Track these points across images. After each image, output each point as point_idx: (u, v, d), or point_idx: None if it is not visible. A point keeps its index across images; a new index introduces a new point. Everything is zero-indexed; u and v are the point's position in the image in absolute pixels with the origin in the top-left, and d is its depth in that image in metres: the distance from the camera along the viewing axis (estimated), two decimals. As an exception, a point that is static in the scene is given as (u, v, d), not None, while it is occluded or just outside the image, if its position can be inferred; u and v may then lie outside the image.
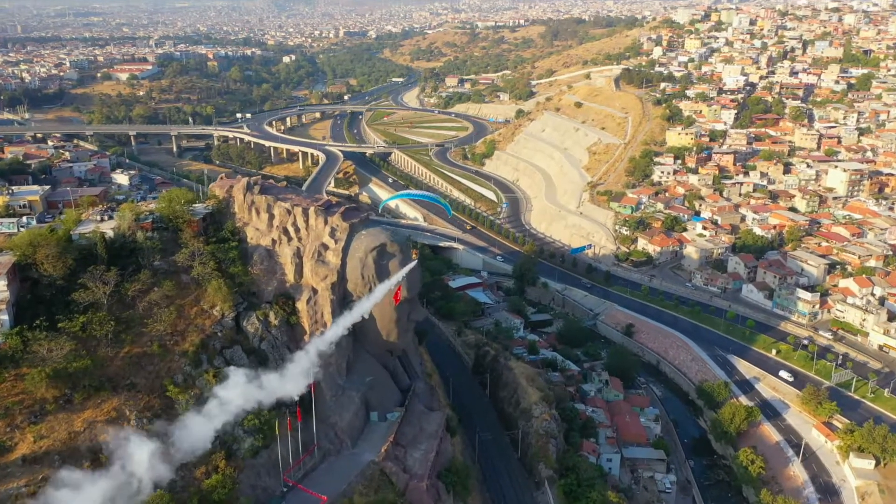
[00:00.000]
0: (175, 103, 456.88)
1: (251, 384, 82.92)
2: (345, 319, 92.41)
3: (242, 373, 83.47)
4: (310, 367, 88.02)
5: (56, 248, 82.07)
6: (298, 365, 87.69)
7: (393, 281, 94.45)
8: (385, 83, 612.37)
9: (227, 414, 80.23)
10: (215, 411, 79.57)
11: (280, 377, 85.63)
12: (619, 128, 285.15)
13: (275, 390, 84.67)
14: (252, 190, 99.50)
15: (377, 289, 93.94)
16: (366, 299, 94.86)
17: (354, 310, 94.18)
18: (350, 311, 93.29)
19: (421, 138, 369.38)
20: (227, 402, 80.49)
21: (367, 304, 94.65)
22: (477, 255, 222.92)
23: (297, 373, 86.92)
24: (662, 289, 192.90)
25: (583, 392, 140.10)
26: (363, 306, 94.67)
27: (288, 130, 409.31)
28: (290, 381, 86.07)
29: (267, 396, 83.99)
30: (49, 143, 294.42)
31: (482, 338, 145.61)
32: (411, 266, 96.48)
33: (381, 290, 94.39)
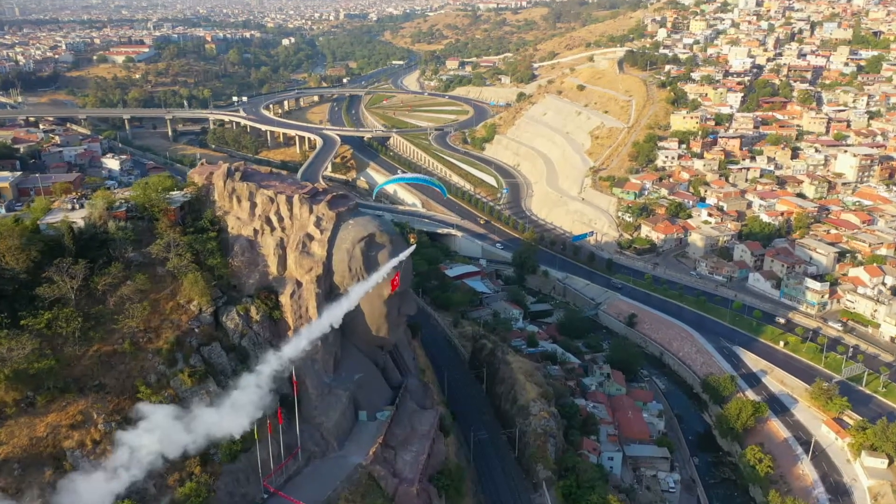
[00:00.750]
0: (171, 87, 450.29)
1: (175, 424, 71.22)
2: (320, 322, 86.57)
3: (165, 411, 71.89)
4: (262, 395, 77.92)
5: (18, 239, 76.56)
6: (246, 393, 77.00)
7: (385, 269, 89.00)
8: (385, 66, 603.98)
9: (139, 468, 67.97)
10: (122, 465, 67.25)
11: (218, 411, 75.03)
12: (622, 111, 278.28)
13: (209, 430, 73.56)
14: (233, 176, 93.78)
15: (368, 279, 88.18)
16: (359, 286, 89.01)
17: (341, 302, 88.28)
18: (332, 306, 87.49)
19: (420, 122, 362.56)
20: (139, 451, 68.42)
21: (354, 296, 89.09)
22: (476, 242, 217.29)
23: (243, 403, 76.41)
24: (666, 277, 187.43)
25: (583, 386, 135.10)
26: (352, 296, 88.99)
27: (285, 114, 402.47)
28: (232, 416, 75.20)
29: (197, 439, 72.53)
30: (40, 127, 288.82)
31: (479, 329, 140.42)
32: (410, 251, 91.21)
33: (371, 281, 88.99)
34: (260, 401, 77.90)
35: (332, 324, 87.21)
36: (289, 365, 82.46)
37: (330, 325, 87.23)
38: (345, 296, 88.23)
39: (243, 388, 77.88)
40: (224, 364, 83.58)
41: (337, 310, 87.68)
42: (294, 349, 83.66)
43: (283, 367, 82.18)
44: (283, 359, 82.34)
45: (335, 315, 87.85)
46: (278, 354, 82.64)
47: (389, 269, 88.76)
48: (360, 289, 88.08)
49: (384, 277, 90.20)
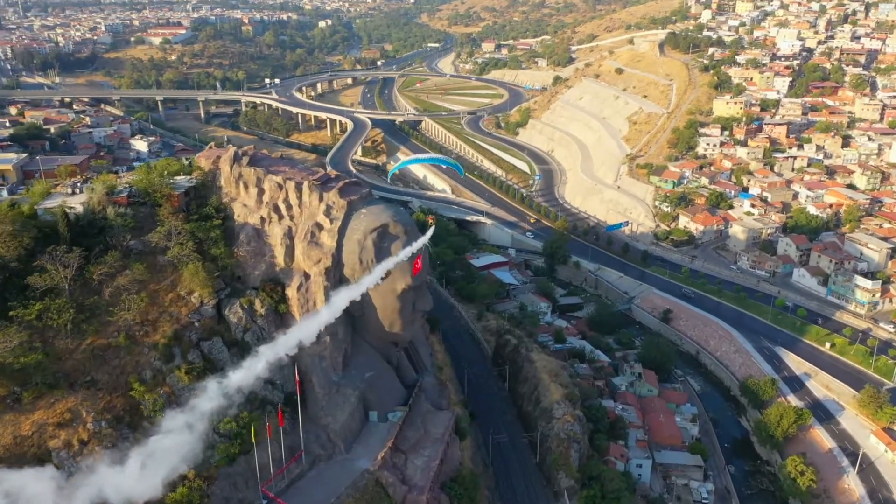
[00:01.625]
0: (206, 68, 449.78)
1: None
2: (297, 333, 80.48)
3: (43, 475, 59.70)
4: (192, 441, 66.96)
5: (10, 225, 72.60)
6: (169, 439, 65.62)
7: (393, 260, 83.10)
8: (420, 49, 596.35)
9: None
10: None
11: (123, 471, 62.57)
12: (662, 96, 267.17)
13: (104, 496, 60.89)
14: (240, 161, 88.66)
15: (380, 265, 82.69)
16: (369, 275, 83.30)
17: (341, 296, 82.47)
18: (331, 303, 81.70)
19: (453, 106, 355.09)
20: None
21: (363, 285, 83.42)
22: (506, 230, 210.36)
23: (163, 453, 65.07)
24: (704, 271, 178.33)
25: (613, 386, 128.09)
26: (361, 285, 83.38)
27: (318, 97, 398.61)
28: (144, 477, 63.32)
29: None
30: (74, 108, 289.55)
31: (504, 323, 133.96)
32: (426, 238, 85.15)
33: (382, 267, 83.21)
34: (188, 449, 66.84)
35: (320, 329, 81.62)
36: (253, 381, 74.69)
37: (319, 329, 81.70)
38: (331, 303, 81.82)
39: (166, 433, 66.45)
40: (225, 360, 78.87)
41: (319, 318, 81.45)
42: (272, 355, 77.23)
43: (249, 382, 74.57)
44: (251, 373, 74.55)
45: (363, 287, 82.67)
46: (246, 367, 74.94)
47: (399, 260, 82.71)
48: (352, 291, 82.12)
49: (395, 268, 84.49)
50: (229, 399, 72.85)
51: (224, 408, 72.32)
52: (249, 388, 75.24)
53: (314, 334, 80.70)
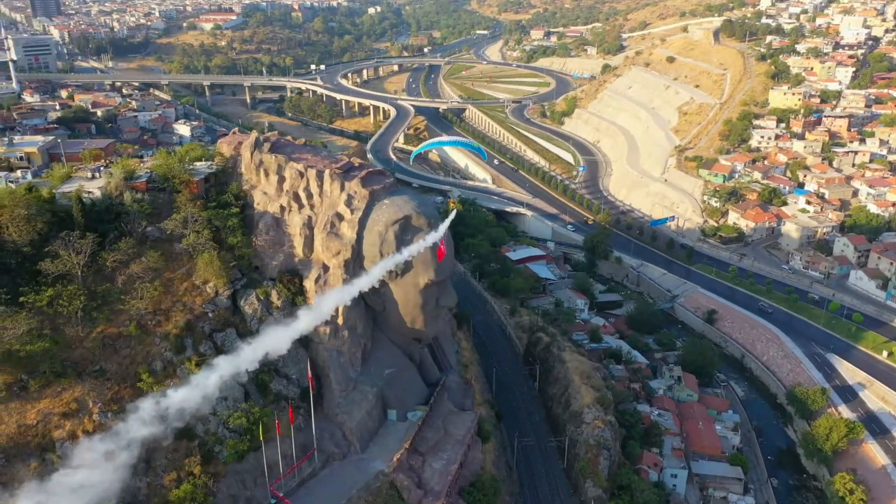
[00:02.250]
0: (255, 54, 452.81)
1: None
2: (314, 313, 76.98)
3: None
4: (110, 472, 57.88)
5: (24, 209, 71.20)
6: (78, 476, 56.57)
7: (411, 250, 79.36)
8: (468, 36, 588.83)
9: None
10: None
11: None
12: (715, 86, 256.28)
13: None
14: (261, 148, 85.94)
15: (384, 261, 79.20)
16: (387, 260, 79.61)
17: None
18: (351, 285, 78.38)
19: (498, 94, 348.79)
20: None
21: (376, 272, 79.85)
22: (546, 222, 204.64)
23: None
24: (754, 270, 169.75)
25: (650, 390, 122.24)
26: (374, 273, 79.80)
27: (363, 83, 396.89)
28: None
29: None
30: (122, 92, 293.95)
31: (538, 320, 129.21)
32: (451, 219, 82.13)
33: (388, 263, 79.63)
34: (106, 487, 57.78)
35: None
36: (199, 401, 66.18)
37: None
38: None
39: (76, 468, 57.97)
40: (238, 352, 76.49)
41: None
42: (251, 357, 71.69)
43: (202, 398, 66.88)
44: (197, 391, 66.14)
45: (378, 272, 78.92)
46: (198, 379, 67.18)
47: (418, 250, 78.87)
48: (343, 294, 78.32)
49: (417, 261, 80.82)
50: (166, 424, 63.89)
51: (159, 437, 63.81)
52: (195, 409, 66.33)
53: (284, 344, 74.35)
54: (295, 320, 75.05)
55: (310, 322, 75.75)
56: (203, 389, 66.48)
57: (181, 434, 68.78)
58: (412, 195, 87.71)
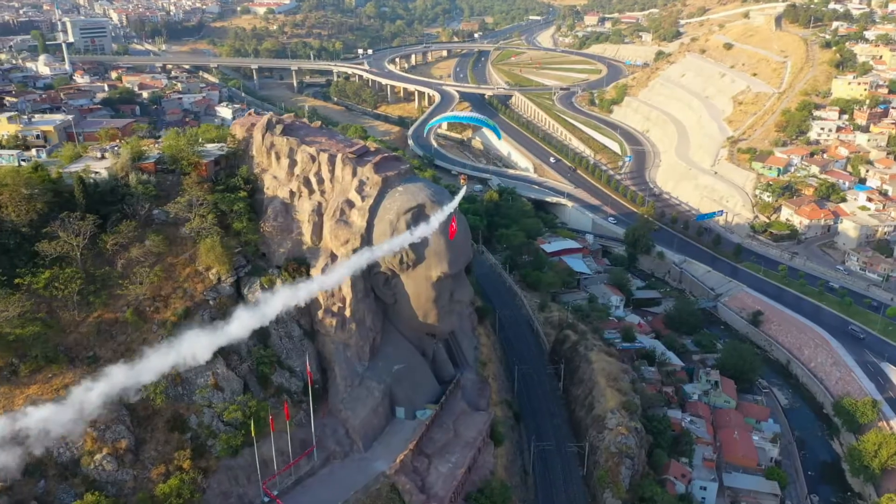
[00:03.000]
0: (305, 38, 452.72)
1: None
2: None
3: None
4: None
5: (25, 188, 69.69)
6: None
7: (436, 221, 74.95)
8: (521, 22, 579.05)
9: None
10: None
11: None
12: (774, 74, 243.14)
13: None
14: (273, 130, 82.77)
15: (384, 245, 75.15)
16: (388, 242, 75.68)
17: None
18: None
19: (547, 80, 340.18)
20: None
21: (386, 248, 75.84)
22: (587, 214, 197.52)
23: None
24: (806, 270, 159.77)
25: (684, 394, 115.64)
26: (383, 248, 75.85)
27: (411, 69, 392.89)
28: None
29: None
30: (173, 74, 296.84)
31: (568, 316, 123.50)
32: (461, 196, 76.91)
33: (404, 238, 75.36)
34: None
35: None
36: None
37: None
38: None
39: None
40: (239, 343, 73.78)
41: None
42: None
43: None
44: None
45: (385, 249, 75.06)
46: None
47: (428, 231, 74.58)
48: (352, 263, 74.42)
49: (430, 253, 76.63)
50: None
51: None
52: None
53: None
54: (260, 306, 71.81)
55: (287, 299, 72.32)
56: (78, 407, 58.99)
57: (173, 426, 66.76)
58: (428, 183, 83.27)
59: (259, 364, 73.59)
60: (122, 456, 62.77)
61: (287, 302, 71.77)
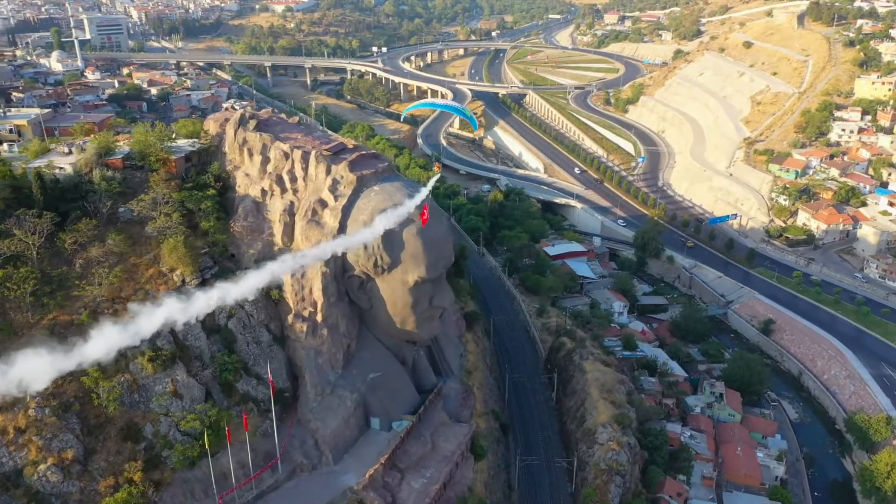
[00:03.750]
0: (322, 36, 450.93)
1: None
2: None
3: None
4: None
5: (-22, 184, 66.84)
6: None
7: (385, 220, 71.05)
8: (541, 20, 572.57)
9: None
10: None
11: None
12: (794, 73, 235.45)
13: None
14: (246, 125, 79.23)
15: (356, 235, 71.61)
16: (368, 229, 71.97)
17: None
18: None
19: (562, 80, 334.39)
20: None
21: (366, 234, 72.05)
22: (596, 216, 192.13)
23: None
24: (822, 277, 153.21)
25: (685, 406, 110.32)
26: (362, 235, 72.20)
27: (426, 67, 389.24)
28: None
29: None
30: (180, 71, 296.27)
31: (567, 322, 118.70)
32: (432, 183, 74.25)
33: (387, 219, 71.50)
34: None
35: None
36: None
37: None
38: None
39: None
40: (202, 348, 70.40)
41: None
42: None
43: None
44: None
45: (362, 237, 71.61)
46: None
47: (394, 220, 70.74)
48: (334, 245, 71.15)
49: (406, 256, 72.60)
50: None
51: None
52: None
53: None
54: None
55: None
56: None
57: (126, 435, 63.35)
58: (407, 182, 79.20)
59: (222, 371, 69.96)
60: (69, 467, 59.44)
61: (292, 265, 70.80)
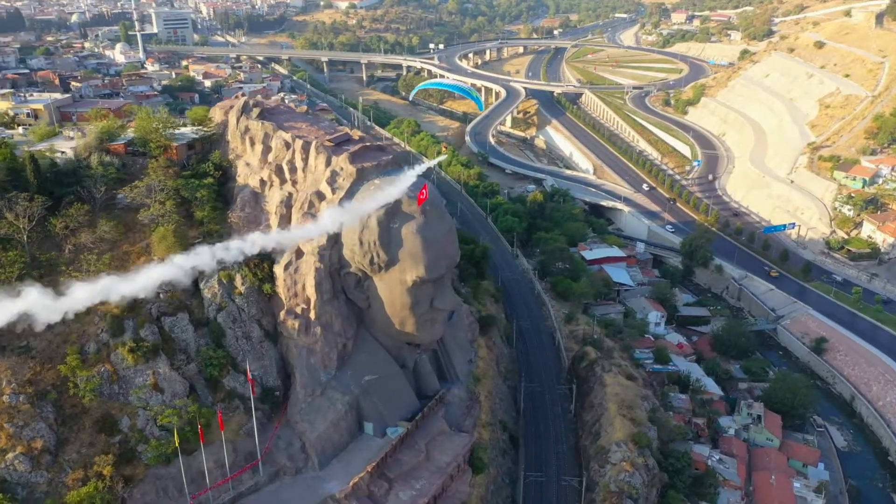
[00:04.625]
0: (382, 33, 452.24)
1: None
2: None
3: None
4: None
5: (-28, 165, 66.36)
6: None
7: (395, 190, 68.18)
8: (607, 19, 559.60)
9: None
10: None
11: None
12: (869, 76, 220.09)
13: None
14: (249, 113, 76.77)
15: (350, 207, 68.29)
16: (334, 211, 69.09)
17: None
18: None
19: (621, 79, 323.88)
20: None
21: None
22: (643, 220, 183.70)
23: None
24: (884, 294, 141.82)
25: (717, 427, 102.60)
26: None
27: (483, 65, 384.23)
28: None
29: None
30: (236, 64, 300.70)
31: (594, 330, 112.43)
32: (433, 162, 72.04)
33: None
34: None
35: None
36: None
37: None
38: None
39: None
40: (188, 341, 68.31)
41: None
42: None
43: None
44: None
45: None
46: None
47: (382, 200, 67.60)
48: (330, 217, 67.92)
49: (405, 255, 68.72)
50: None
51: None
52: None
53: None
54: None
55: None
56: None
57: (101, 427, 61.66)
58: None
59: (207, 366, 67.62)
60: (38, 457, 58.16)
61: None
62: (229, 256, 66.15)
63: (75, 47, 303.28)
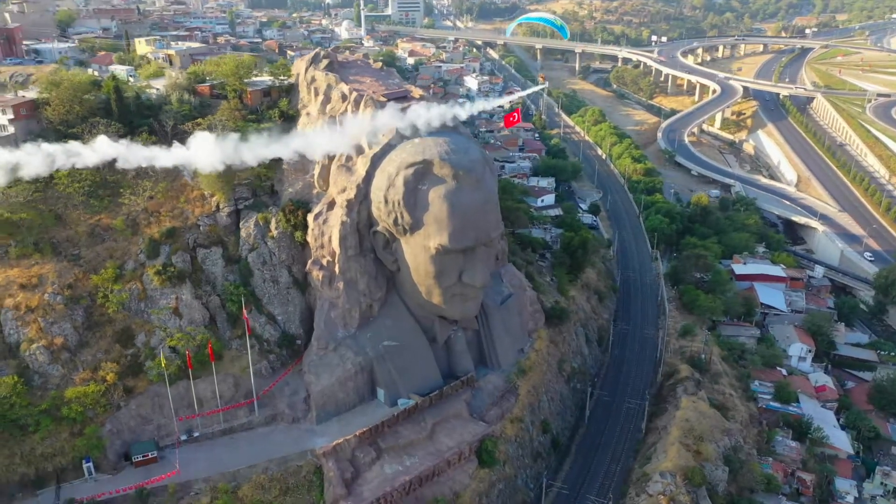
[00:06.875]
0: (613, 25, 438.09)
1: None
2: None
3: None
4: None
5: (69, 92, 74.52)
6: None
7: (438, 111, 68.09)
8: (881, 20, 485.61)
9: None
10: None
11: None
12: None
13: None
14: (317, 64, 77.29)
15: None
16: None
17: None
18: None
19: (869, 85, 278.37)
20: None
21: None
22: (837, 243, 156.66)
23: None
24: None
25: (832, 490, 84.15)
26: None
27: (711, 61, 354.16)
28: None
29: None
30: (443, 45, 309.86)
31: (706, 349, 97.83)
32: (533, 90, 77.23)
33: None
34: None
35: None
36: None
37: None
38: None
39: None
40: (216, 275, 71.28)
41: None
42: None
43: None
44: None
45: None
46: None
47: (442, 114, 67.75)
48: None
49: (429, 220, 65.00)
50: None
51: None
52: None
53: None
54: None
55: None
56: None
57: (119, 338, 66.40)
58: (455, 138, 69.61)
59: (228, 301, 69.76)
60: (58, 352, 63.98)
61: None
62: None
63: (313, 23, 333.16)
